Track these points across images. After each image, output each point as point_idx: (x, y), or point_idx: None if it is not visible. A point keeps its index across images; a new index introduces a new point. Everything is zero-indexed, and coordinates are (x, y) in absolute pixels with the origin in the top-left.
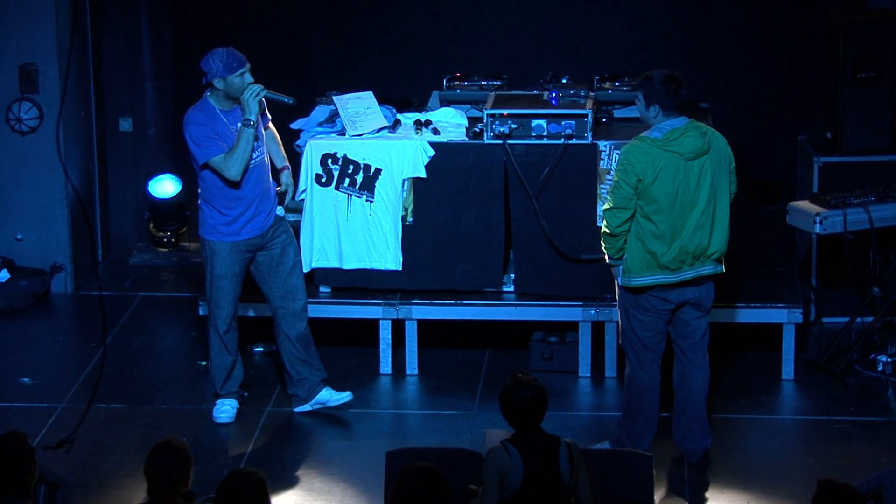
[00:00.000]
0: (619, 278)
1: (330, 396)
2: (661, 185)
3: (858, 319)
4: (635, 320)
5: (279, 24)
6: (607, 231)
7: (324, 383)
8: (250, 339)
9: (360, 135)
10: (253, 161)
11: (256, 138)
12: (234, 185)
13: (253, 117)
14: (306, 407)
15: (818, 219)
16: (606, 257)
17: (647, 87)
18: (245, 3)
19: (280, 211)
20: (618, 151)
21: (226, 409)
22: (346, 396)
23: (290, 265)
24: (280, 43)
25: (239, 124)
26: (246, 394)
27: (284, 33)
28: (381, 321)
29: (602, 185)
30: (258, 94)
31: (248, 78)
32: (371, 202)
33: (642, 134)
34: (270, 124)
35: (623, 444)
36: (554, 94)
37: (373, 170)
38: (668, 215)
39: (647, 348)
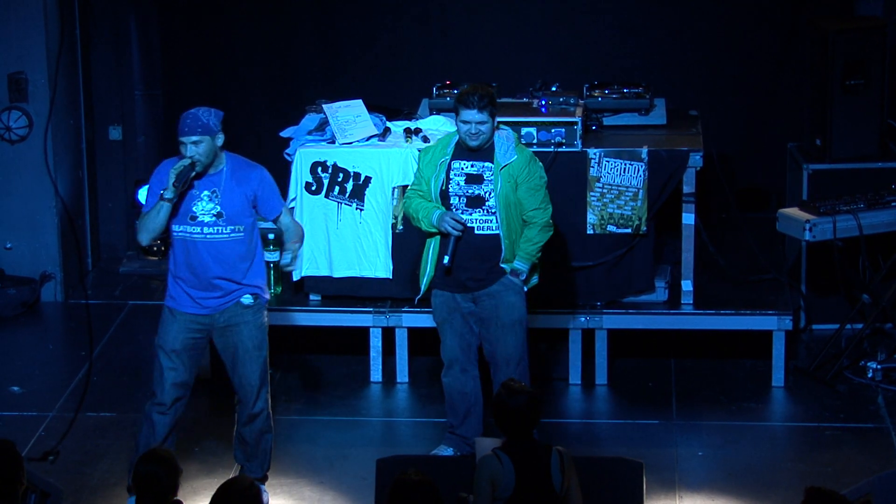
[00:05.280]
0: (533, 279)
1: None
2: None
3: (848, 326)
4: None
5: (268, 32)
6: (551, 232)
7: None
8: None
9: (350, 143)
10: (180, 235)
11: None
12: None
13: (168, 194)
14: None
15: (808, 226)
16: (533, 264)
17: (493, 106)
18: (234, 12)
19: (247, 300)
20: (608, 159)
21: None
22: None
23: (243, 357)
24: (269, 51)
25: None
26: None
27: (273, 42)
28: (371, 329)
29: (592, 193)
30: (176, 167)
31: (185, 151)
32: (361, 210)
33: (522, 144)
34: (282, 215)
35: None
36: (543, 102)
37: (363, 178)
38: None
39: None
